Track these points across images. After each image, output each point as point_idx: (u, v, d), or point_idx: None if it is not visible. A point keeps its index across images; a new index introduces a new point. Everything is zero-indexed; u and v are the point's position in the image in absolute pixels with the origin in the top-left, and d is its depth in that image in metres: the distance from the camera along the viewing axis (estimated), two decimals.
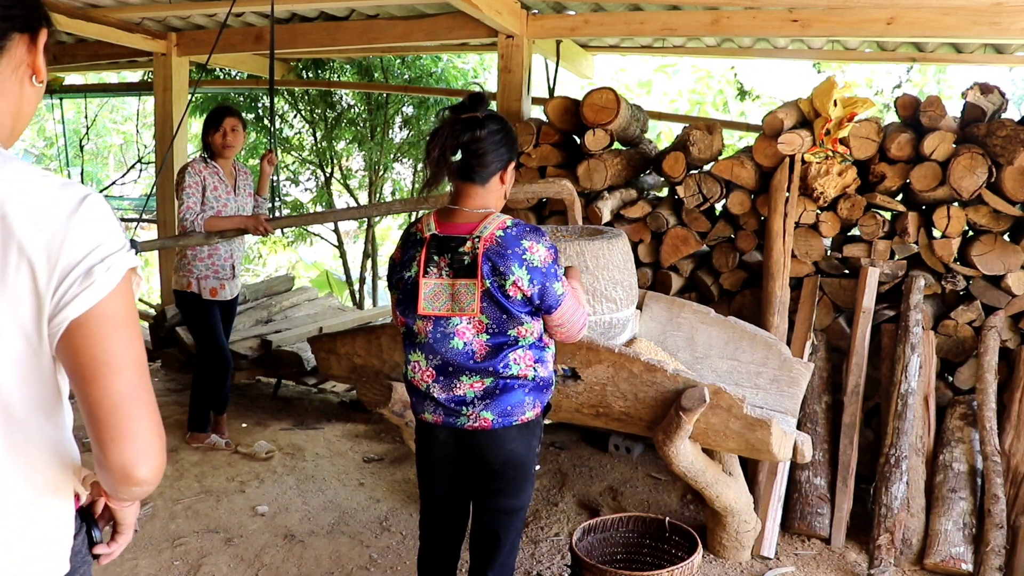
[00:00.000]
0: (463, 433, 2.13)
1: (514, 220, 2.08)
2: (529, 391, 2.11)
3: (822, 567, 3.19)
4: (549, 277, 2.04)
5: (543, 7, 4.59)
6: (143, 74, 7.96)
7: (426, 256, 2.06)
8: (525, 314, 2.05)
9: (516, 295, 2.01)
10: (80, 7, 4.77)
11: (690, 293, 4.09)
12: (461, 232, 2.07)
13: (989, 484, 3.19)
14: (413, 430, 2.45)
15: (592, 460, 4.11)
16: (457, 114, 2.04)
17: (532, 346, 2.11)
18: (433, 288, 2.06)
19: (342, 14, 5.03)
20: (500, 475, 2.16)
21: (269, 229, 3.97)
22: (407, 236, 2.17)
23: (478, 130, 2.02)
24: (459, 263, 2.03)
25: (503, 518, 2.22)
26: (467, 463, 2.19)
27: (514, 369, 2.07)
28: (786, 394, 3.17)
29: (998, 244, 3.52)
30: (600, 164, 3.97)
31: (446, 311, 2.05)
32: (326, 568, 3.12)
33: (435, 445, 2.19)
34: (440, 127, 2.04)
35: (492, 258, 2.01)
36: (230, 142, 4.00)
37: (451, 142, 2.02)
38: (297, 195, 8.54)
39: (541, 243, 2.05)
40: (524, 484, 2.21)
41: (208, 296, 4.02)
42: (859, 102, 3.69)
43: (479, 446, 2.13)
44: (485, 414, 2.08)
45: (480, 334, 2.05)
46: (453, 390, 2.08)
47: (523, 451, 2.15)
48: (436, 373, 2.09)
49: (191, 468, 3.93)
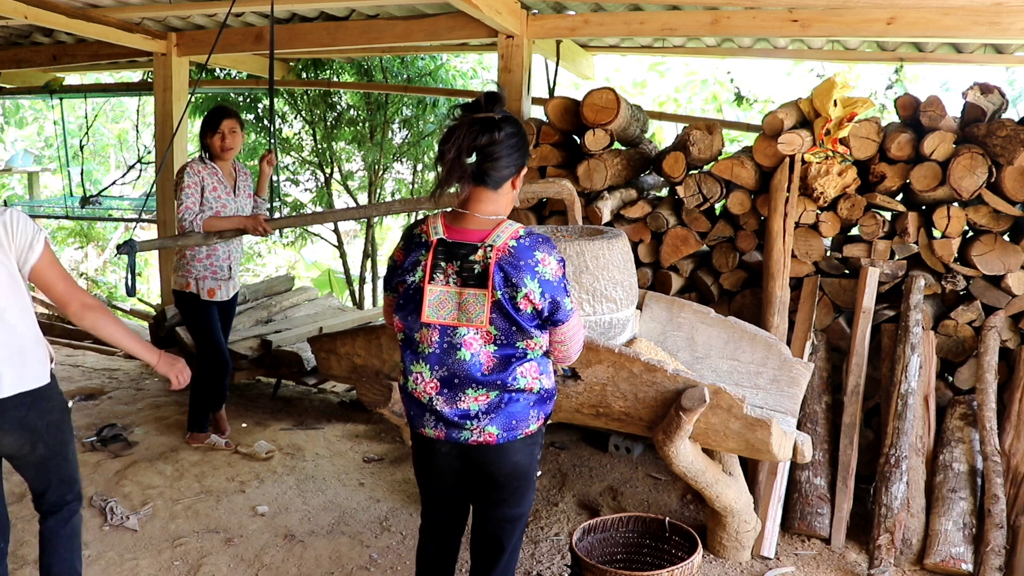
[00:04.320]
0: (466, 448, 2.07)
1: (527, 229, 2.02)
2: (534, 404, 2.08)
3: (822, 567, 3.20)
4: (559, 291, 2.00)
5: (543, 7, 4.59)
6: (143, 74, 7.96)
7: (432, 261, 1.98)
8: (534, 327, 2.01)
9: (527, 308, 1.96)
10: (80, 7, 4.77)
11: (690, 293, 4.09)
12: (472, 239, 1.99)
13: (989, 484, 3.19)
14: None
15: (592, 460, 4.11)
16: (472, 113, 1.95)
17: (538, 358, 2.07)
18: (439, 296, 1.98)
19: (342, 14, 5.03)
20: (504, 486, 2.13)
21: (268, 230, 3.96)
22: (410, 237, 2.07)
23: (496, 132, 1.94)
24: (469, 271, 1.95)
25: (506, 526, 2.21)
26: (470, 476, 2.16)
27: (521, 383, 2.03)
28: (786, 394, 3.17)
29: (998, 244, 3.52)
30: (600, 164, 3.97)
31: (451, 320, 1.98)
32: (326, 568, 3.12)
33: (436, 458, 2.14)
34: (456, 126, 1.94)
35: (505, 268, 1.94)
36: (229, 144, 3.98)
37: (467, 143, 1.93)
38: (297, 195, 8.55)
39: (553, 255, 2.00)
40: (527, 492, 2.19)
41: (206, 296, 4.02)
42: (859, 102, 3.69)
43: (483, 460, 2.08)
44: (490, 428, 2.03)
45: (488, 345, 1.99)
46: (457, 403, 2.02)
47: (527, 462, 2.13)
48: (440, 385, 2.02)
49: (191, 468, 3.93)
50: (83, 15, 4.78)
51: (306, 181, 8.60)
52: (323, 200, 8.40)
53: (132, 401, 4.90)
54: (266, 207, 4.29)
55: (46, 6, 4.59)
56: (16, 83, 7.48)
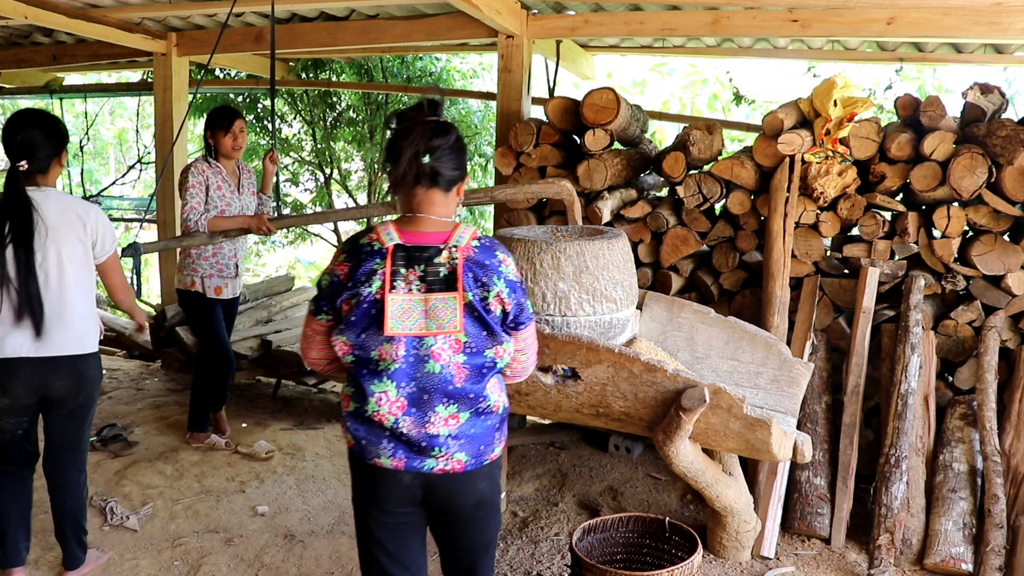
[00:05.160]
0: (430, 478, 1.90)
1: (479, 231, 1.95)
2: (498, 426, 1.98)
3: (822, 567, 3.20)
4: (522, 293, 1.95)
5: (543, 7, 4.59)
6: (143, 74, 7.96)
7: (392, 268, 1.84)
8: (504, 331, 1.93)
9: (497, 309, 1.89)
10: (80, 7, 4.77)
11: (690, 293, 4.09)
12: (433, 241, 1.88)
13: (989, 484, 3.19)
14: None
15: (592, 460, 4.11)
16: (419, 115, 1.89)
17: (500, 371, 1.98)
18: (402, 305, 1.83)
19: (342, 14, 5.03)
20: (471, 518, 2.00)
21: (272, 229, 3.96)
22: (357, 248, 1.90)
23: (448, 135, 1.89)
24: (434, 275, 1.84)
25: (476, 555, 2.08)
26: (432, 512, 1.99)
27: (492, 399, 1.93)
28: (786, 394, 3.17)
29: (998, 244, 3.52)
30: (600, 164, 3.97)
31: (419, 330, 1.84)
32: (326, 568, 3.12)
33: (392, 492, 1.93)
34: (411, 128, 1.87)
35: (473, 269, 1.86)
36: (240, 144, 4.04)
37: (424, 143, 1.85)
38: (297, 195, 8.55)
39: (510, 256, 1.95)
40: (495, 516, 2.07)
41: (212, 295, 4.02)
42: (859, 102, 3.69)
43: (449, 491, 1.93)
44: (459, 455, 1.90)
45: (457, 354, 1.87)
46: (426, 426, 1.87)
47: (492, 489, 2.01)
48: (408, 404, 1.86)
49: (191, 468, 3.93)
50: (83, 15, 4.79)
51: (306, 181, 8.60)
52: (323, 200, 8.40)
53: (132, 401, 4.90)
54: (272, 204, 4.29)
55: (46, 6, 4.59)
56: (16, 83, 7.49)
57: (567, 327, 2.87)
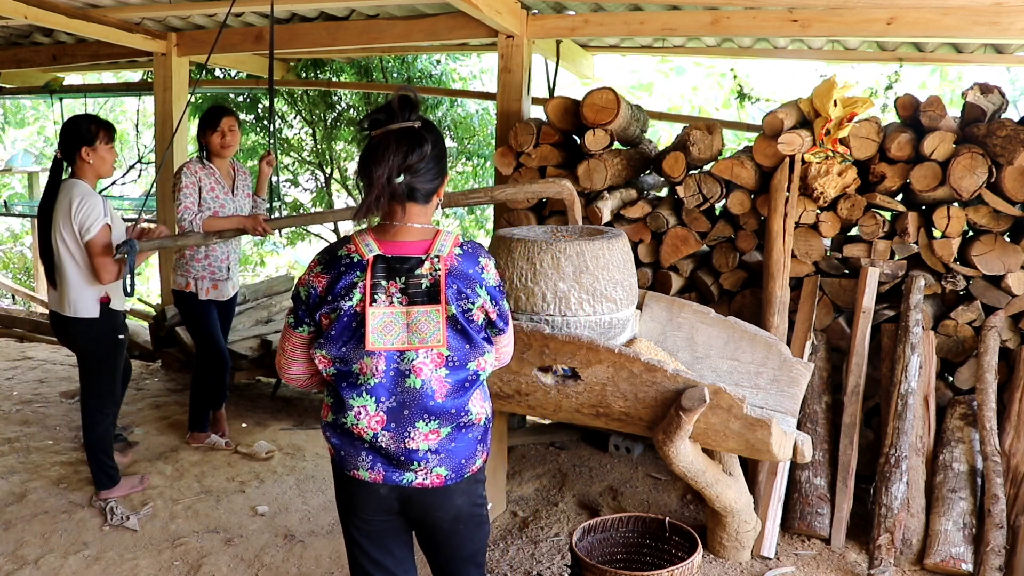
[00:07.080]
0: (407, 491, 1.87)
1: (462, 235, 1.89)
2: (480, 438, 1.93)
3: (822, 567, 3.20)
4: (501, 296, 1.90)
5: (543, 7, 4.60)
6: (143, 74, 7.96)
7: (372, 281, 1.77)
8: (485, 341, 1.88)
9: (479, 319, 1.85)
10: (80, 7, 4.77)
11: (690, 293, 4.09)
12: (414, 251, 1.81)
13: (989, 484, 3.19)
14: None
15: (592, 460, 4.11)
16: (389, 124, 1.78)
17: (482, 383, 1.94)
18: (383, 319, 1.77)
19: (342, 14, 5.03)
20: (452, 532, 1.96)
21: (268, 230, 3.95)
22: (334, 260, 1.83)
23: (424, 146, 1.78)
24: (416, 288, 1.78)
25: (459, 566, 2.04)
26: (410, 520, 1.96)
27: (474, 412, 1.88)
28: (786, 394, 3.17)
29: (998, 244, 3.52)
30: (600, 164, 3.97)
31: (400, 344, 1.78)
32: (326, 568, 3.12)
33: (370, 501, 1.90)
34: (380, 145, 1.76)
35: (456, 282, 1.79)
36: (229, 142, 4.00)
37: (397, 164, 1.75)
38: (297, 195, 8.56)
39: (491, 260, 1.89)
40: (478, 529, 2.01)
41: (205, 296, 4.03)
42: (859, 102, 3.69)
43: (427, 504, 1.89)
44: (439, 470, 1.85)
45: (439, 368, 1.82)
46: (405, 442, 1.82)
47: (471, 502, 1.95)
48: (387, 419, 1.81)
49: (191, 468, 3.93)
50: (83, 15, 4.79)
51: (306, 181, 8.60)
52: (323, 200, 8.40)
53: (132, 401, 4.90)
54: (265, 207, 4.29)
55: (46, 6, 4.59)
56: (16, 83, 7.49)
57: (567, 327, 2.87)
